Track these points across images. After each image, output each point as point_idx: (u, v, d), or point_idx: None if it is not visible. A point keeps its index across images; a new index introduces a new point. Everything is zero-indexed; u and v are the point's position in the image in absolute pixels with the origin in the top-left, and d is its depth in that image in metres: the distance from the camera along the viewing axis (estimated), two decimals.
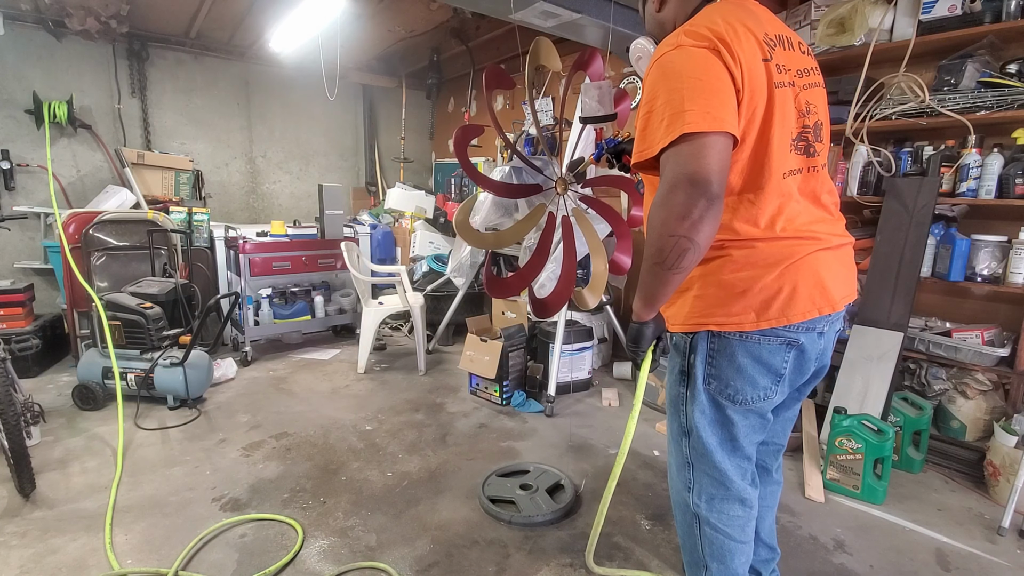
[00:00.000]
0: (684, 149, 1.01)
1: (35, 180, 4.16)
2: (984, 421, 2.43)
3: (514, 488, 2.21)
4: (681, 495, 1.35)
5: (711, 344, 1.21)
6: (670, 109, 1.03)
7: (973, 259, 2.46)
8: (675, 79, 1.05)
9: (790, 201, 1.16)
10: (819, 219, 1.21)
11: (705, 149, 1.00)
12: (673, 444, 1.36)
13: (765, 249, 1.14)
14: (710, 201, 1.00)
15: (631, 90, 3.95)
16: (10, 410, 2.05)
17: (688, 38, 1.08)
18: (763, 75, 1.10)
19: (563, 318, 3.13)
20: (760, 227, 1.14)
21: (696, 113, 1.01)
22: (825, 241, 1.19)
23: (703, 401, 1.25)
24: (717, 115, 1.01)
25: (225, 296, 3.22)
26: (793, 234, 1.15)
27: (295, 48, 4.20)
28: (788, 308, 1.14)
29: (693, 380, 1.25)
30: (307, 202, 5.53)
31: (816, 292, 1.16)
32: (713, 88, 1.03)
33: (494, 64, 2.40)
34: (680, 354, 1.28)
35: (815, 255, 1.17)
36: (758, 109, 1.10)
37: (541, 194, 2.58)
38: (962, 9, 2.41)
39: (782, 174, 1.14)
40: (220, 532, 1.95)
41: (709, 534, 1.31)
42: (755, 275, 1.14)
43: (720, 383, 1.23)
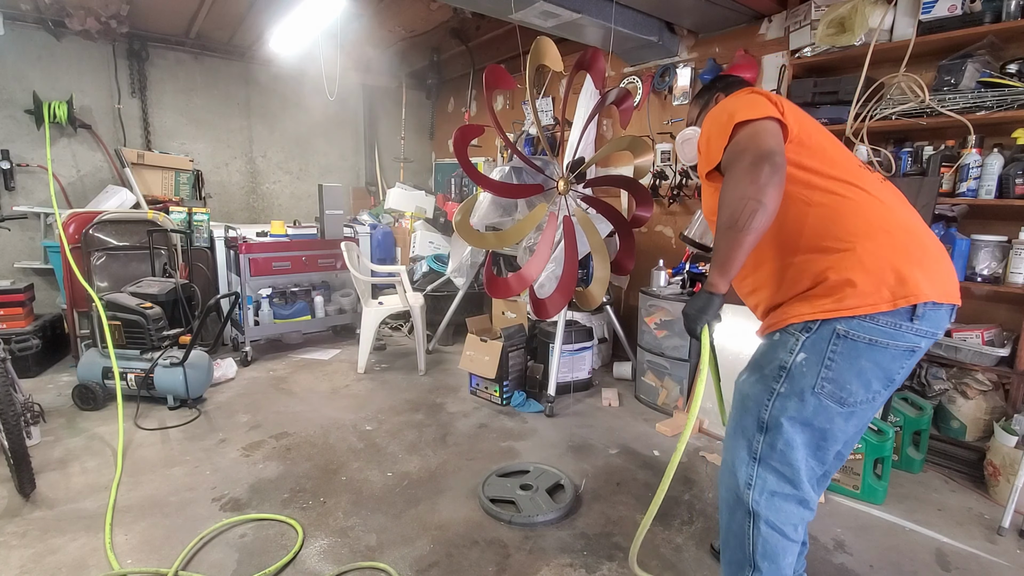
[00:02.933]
0: (740, 136, 1.20)
1: (35, 180, 4.16)
2: (984, 421, 2.43)
3: (514, 488, 2.21)
4: (737, 492, 1.33)
5: (834, 346, 1.20)
6: (722, 126, 1.25)
7: (973, 259, 2.46)
8: (723, 111, 1.30)
9: (886, 193, 1.28)
10: (916, 216, 1.30)
11: (759, 131, 1.19)
12: (737, 439, 1.34)
13: (878, 219, 1.22)
14: (774, 167, 1.14)
15: (631, 90, 3.95)
16: (10, 410, 2.05)
17: (734, 96, 1.36)
18: (806, 118, 1.34)
19: (563, 318, 3.13)
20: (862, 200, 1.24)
21: (743, 112, 1.22)
22: (927, 231, 1.28)
23: (807, 401, 1.23)
24: (762, 109, 1.22)
25: (225, 296, 3.22)
26: (903, 215, 1.26)
27: (295, 48, 4.20)
28: (917, 285, 1.16)
29: (796, 379, 1.24)
30: (307, 202, 5.53)
31: (943, 278, 1.22)
32: (754, 100, 1.26)
33: (494, 64, 2.40)
34: (782, 350, 1.26)
35: (928, 236, 1.26)
36: (815, 133, 1.32)
37: (542, 194, 2.58)
38: (962, 9, 2.40)
39: (858, 165, 1.33)
40: (220, 532, 1.95)
41: (765, 532, 1.29)
42: (878, 243, 1.19)
43: (835, 385, 1.21)
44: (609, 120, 4.24)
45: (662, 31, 3.54)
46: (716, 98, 1.58)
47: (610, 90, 2.55)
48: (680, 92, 3.67)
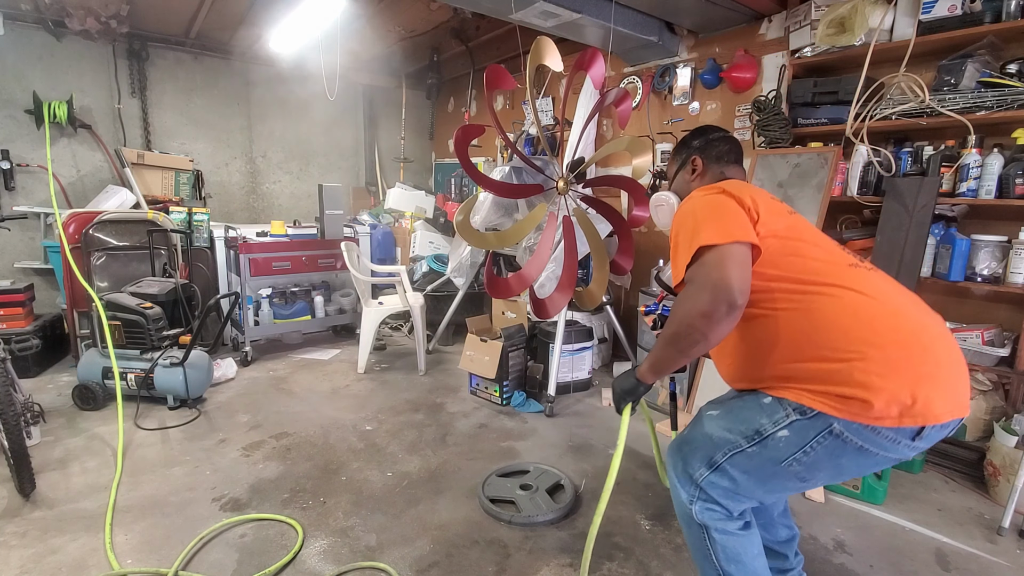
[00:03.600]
0: (707, 259, 1.16)
1: (35, 180, 4.15)
2: (984, 421, 2.43)
3: (514, 488, 2.21)
4: (683, 508, 1.34)
5: (821, 439, 1.12)
6: (688, 236, 1.21)
7: (973, 259, 2.46)
8: (690, 215, 1.26)
9: (873, 289, 1.17)
10: (917, 306, 1.20)
11: (725, 259, 1.13)
12: (685, 462, 1.34)
13: (885, 329, 1.11)
14: (731, 308, 1.11)
15: (631, 90, 3.95)
16: (10, 410, 2.05)
17: (702, 193, 1.33)
18: (777, 207, 1.31)
19: (563, 318, 3.13)
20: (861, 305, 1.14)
21: (709, 231, 1.17)
22: (934, 327, 1.16)
23: (767, 468, 1.22)
24: (729, 230, 1.17)
25: (225, 296, 3.22)
26: (910, 317, 1.14)
27: (295, 48, 4.20)
28: (930, 407, 1.06)
29: (768, 450, 1.19)
30: (307, 202, 5.53)
31: (956, 392, 1.11)
32: (722, 212, 1.22)
33: (494, 64, 2.40)
34: (766, 417, 1.19)
35: (938, 342, 1.13)
36: (783, 228, 1.25)
37: (542, 194, 2.58)
38: (962, 9, 2.40)
39: (848, 264, 1.23)
40: (220, 532, 1.95)
41: (718, 538, 1.30)
42: (888, 358, 1.08)
43: (805, 468, 1.18)
44: (609, 120, 4.24)
45: (662, 31, 3.54)
46: (693, 161, 1.55)
47: (609, 90, 2.55)
48: (680, 92, 3.67)
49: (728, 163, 1.55)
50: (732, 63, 3.35)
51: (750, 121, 3.28)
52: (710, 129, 1.61)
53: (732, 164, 1.55)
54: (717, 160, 1.54)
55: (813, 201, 2.80)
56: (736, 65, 3.31)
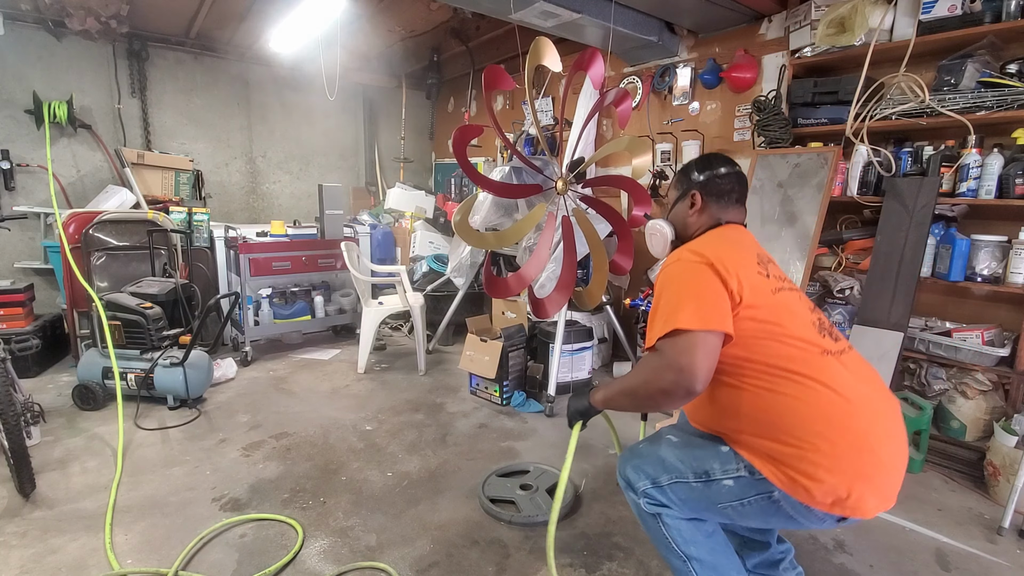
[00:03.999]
0: (678, 342, 1.16)
1: (35, 180, 4.15)
2: (984, 421, 2.43)
3: (514, 488, 2.22)
4: (634, 502, 1.42)
5: (758, 498, 1.23)
6: (668, 309, 1.21)
7: (973, 259, 2.46)
8: (673, 284, 1.25)
9: (839, 384, 1.19)
10: (876, 397, 1.24)
11: (695, 346, 1.14)
12: (634, 466, 1.41)
13: (840, 427, 1.16)
14: (689, 394, 1.16)
15: (631, 90, 3.95)
16: (10, 410, 2.05)
17: (688, 254, 1.29)
18: (763, 285, 1.26)
19: (563, 318, 3.13)
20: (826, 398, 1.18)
21: (688, 312, 1.17)
22: (885, 423, 1.23)
23: (701, 505, 1.31)
24: (705, 316, 1.17)
25: (225, 296, 3.22)
26: (864, 415, 1.19)
27: (295, 48, 4.20)
28: (861, 504, 1.15)
29: (711, 492, 1.28)
30: (307, 202, 5.53)
31: (888, 489, 1.19)
32: (703, 291, 1.21)
33: (494, 64, 2.40)
34: (719, 464, 1.27)
35: (884, 443, 1.20)
36: (766, 307, 1.23)
37: (541, 194, 2.57)
38: (962, 9, 2.40)
39: (823, 351, 1.23)
40: (220, 532, 1.95)
41: (673, 524, 1.36)
42: (837, 455, 1.15)
43: (738, 515, 1.29)
44: (609, 120, 4.24)
45: (662, 31, 3.54)
46: (692, 195, 1.48)
47: (609, 90, 2.54)
48: (680, 92, 3.67)
49: (729, 203, 1.48)
50: (732, 63, 3.35)
51: (750, 121, 3.28)
52: (716, 162, 1.51)
53: (734, 205, 1.49)
54: (718, 198, 1.48)
55: (813, 201, 2.80)
56: (736, 65, 3.31)
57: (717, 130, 3.55)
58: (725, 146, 3.50)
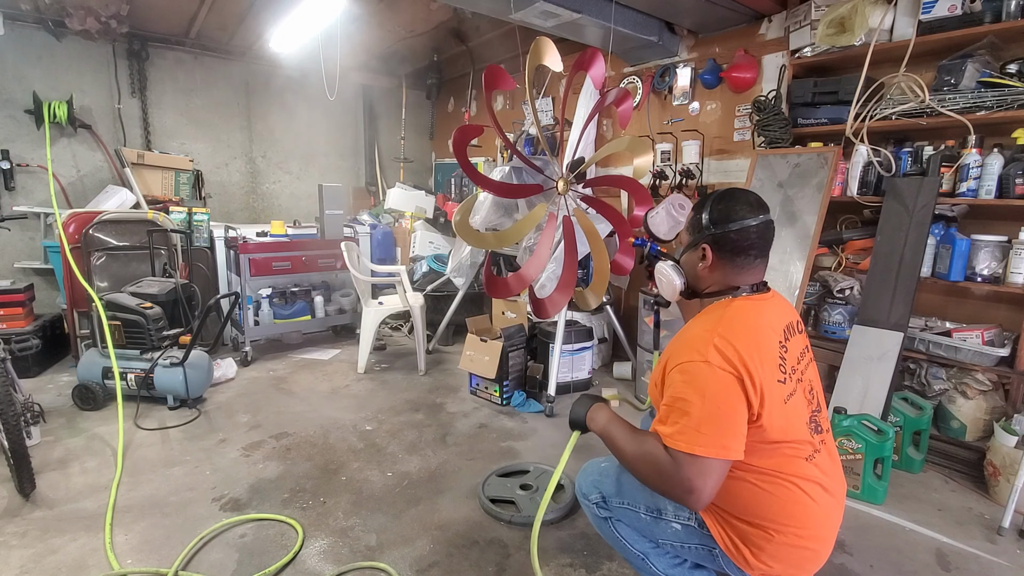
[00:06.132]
0: (696, 464, 1.12)
1: (35, 180, 4.15)
2: (984, 421, 2.43)
3: (514, 488, 2.22)
4: (591, 513, 1.47)
5: (699, 547, 1.31)
6: (689, 419, 1.14)
7: (973, 259, 2.46)
8: (698, 394, 1.15)
9: (813, 484, 1.24)
10: (834, 489, 1.29)
11: (708, 472, 1.12)
12: (591, 483, 1.48)
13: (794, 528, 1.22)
14: (692, 508, 1.21)
15: (631, 90, 3.95)
16: (10, 410, 2.05)
17: (718, 356, 1.15)
18: (779, 394, 1.19)
19: (563, 318, 3.13)
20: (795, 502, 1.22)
21: (711, 437, 1.12)
22: (833, 520, 1.30)
23: (644, 533, 1.39)
24: (726, 444, 1.13)
25: (225, 296, 3.22)
26: (819, 516, 1.24)
27: (295, 48, 4.20)
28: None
29: (658, 527, 1.36)
30: (307, 202, 5.53)
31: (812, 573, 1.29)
32: (729, 416, 1.14)
33: (494, 64, 2.40)
34: (672, 507, 1.33)
35: (827, 540, 1.27)
36: (774, 423, 1.19)
37: (541, 194, 2.57)
38: (962, 9, 2.40)
39: (805, 458, 1.24)
40: (220, 532, 1.95)
41: (624, 529, 1.42)
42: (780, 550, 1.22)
43: (673, 551, 1.38)
44: (609, 120, 4.24)
45: (662, 31, 3.54)
46: (704, 252, 1.31)
47: (610, 90, 2.54)
48: (680, 92, 3.67)
49: (746, 263, 1.30)
50: (732, 63, 3.35)
51: (750, 121, 3.28)
52: (735, 210, 1.29)
53: (755, 262, 1.31)
54: (734, 256, 1.30)
55: (813, 201, 2.80)
56: (736, 65, 3.31)
57: (717, 130, 3.55)
58: (725, 146, 3.51)
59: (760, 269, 1.33)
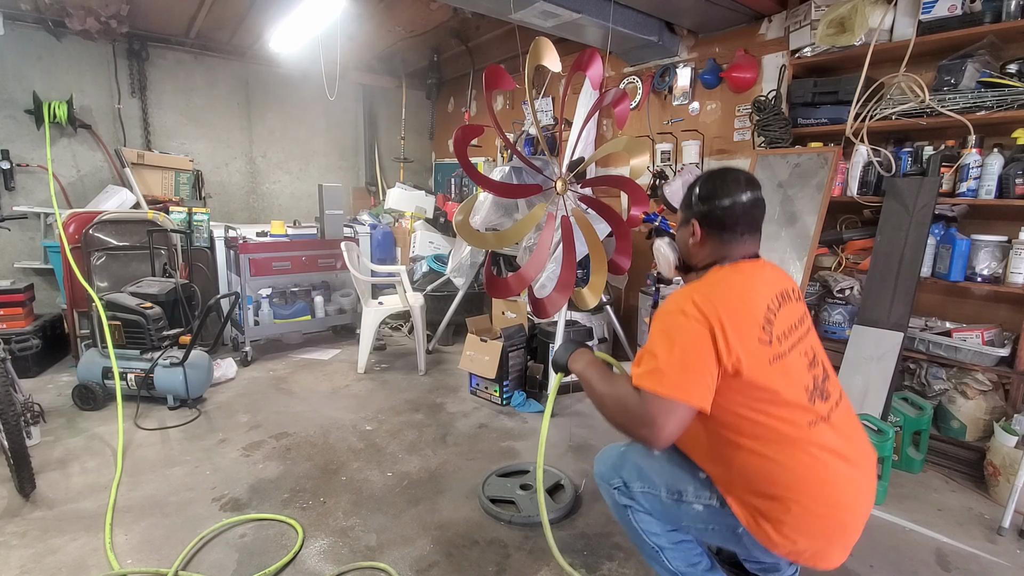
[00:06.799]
0: (660, 402, 1.15)
1: (35, 180, 4.15)
2: (984, 421, 2.43)
3: (514, 488, 2.21)
4: (611, 500, 1.47)
5: (723, 528, 1.29)
6: (657, 362, 1.18)
7: (973, 259, 2.46)
8: (669, 339, 1.20)
9: (823, 450, 1.21)
10: (856, 457, 1.26)
11: (671, 413, 1.14)
12: (611, 466, 1.47)
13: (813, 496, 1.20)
14: (648, 445, 1.18)
15: (631, 90, 3.95)
16: (10, 410, 2.05)
17: (693, 307, 1.20)
18: (762, 354, 1.19)
19: (563, 318, 3.13)
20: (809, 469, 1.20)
21: (674, 379, 1.16)
22: (859, 485, 1.26)
23: (667, 516, 1.38)
24: (689, 389, 1.15)
25: (225, 296, 3.22)
26: (839, 483, 1.21)
27: (295, 48, 4.20)
28: (818, 559, 1.25)
29: (680, 510, 1.34)
30: (307, 202, 5.53)
31: (840, 551, 1.28)
32: (695, 363, 1.17)
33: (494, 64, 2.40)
34: (694, 487, 1.32)
35: (852, 508, 1.25)
36: (760, 380, 1.18)
37: (541, 194, 2.58)
38: (962, 9, 2.40)
39: (809, 423, 1.21)
40: (220, 532, 1.95)
41: (643, 517, 1.41)
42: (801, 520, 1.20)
43: (698, 533, 1.37)
44: (608, 120, 4.24)
45: (662, 31, 3.54)
46: (694, 228, 1.36)
47: (608, 91, 2.54)
48: (680, 92, 3.67)
49: (733, 238, 1.33)
50: (732, 63, 3.35)
51: (750, 121, 3.28)
52: (723, 187, 1.32)
53: (739, 239, 1.33)
54: (720, 232, 1.33)
55: (813, 201, 2.80)
56: (736, 65, 3.31)
57: (717, 130, 3.55)
58: (725, 146, 3.51)
59: (749, 244, 1.36)
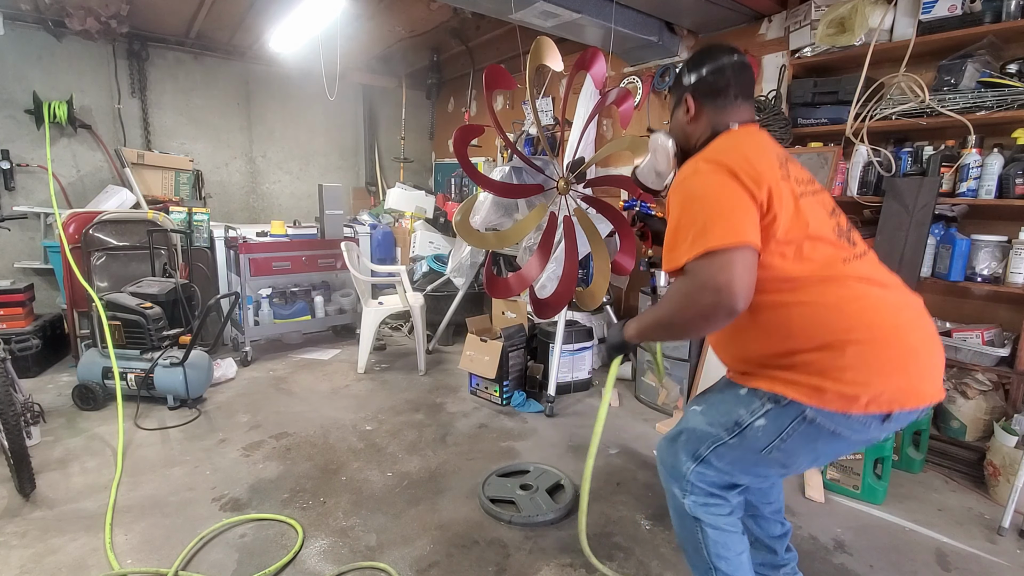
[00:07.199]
0: (713, 261, 1.07)
1: (35, 180, 4.15)
2: (984, 421, 2.43)
3: (514, 488, 2.21)
4: (678, 503, 1.35)
5: (796, 425, 1.16)
6: (694, 228, 1.10)
7: (973, 259, 2.46)
8: (696, 201, 1.14)
9: (862, 282, 1.16)
10: (899, 291, 1.21)
11: (731, 265, 1.06)
12: (673, 455, 1.36)
13: (863, 327, 1.12)
14: (730, 315, 1.07)
15: (631, 90, 3.95)
16: (10, 410, 2.05)
17: (705, 164, 1.17)
18: (787, 190, 1.16)
19: (563, 318, 3.13)
20: (846, 304, 1.13)
21: (719, 230, 1.08)
22: (911, 313, 1.18)
23: (750, 459, 1.25)
24: (738, 229, 1.08)
25: (225, 296, 3.22)
26: (888, 311, 1.15)
27: (295, 48, 4.20)
28: (900, 395, 1.11)
29: (748, 440, 1.23)
30: (307, 202, 5.53)
31: (927, 380, 1.14)
32: (732, 206, 1.11)
33: (494, 64, 2.40)
34: (744, 408, 1.23)
35: (913, 331, 1.15)
36: (789, 216, 1.14)
37: (542, 194, 2.58)
38: (962, 9, 2.40)
39: (843, 260, 1.17)
40: (220, 532, 1.95)
41: (712, 535, 1.31)
42: (863, 353, 1.10)
43: (784, 455, 1.21)
44: (609, 120, 4.25)
45: (662, 31, 3.54)
46: (686, 102, 1.36)
47: (610, 90, 2.55)
48: None
49: (727, 102, 1.32)
50: None
51: None
52: (707, 55, 1.34)
53: (735, 103, 1.32)
54: (714, 99, 1.32)
55: None
56: None
57: None
58: None
59: (744, 110, 1.33)
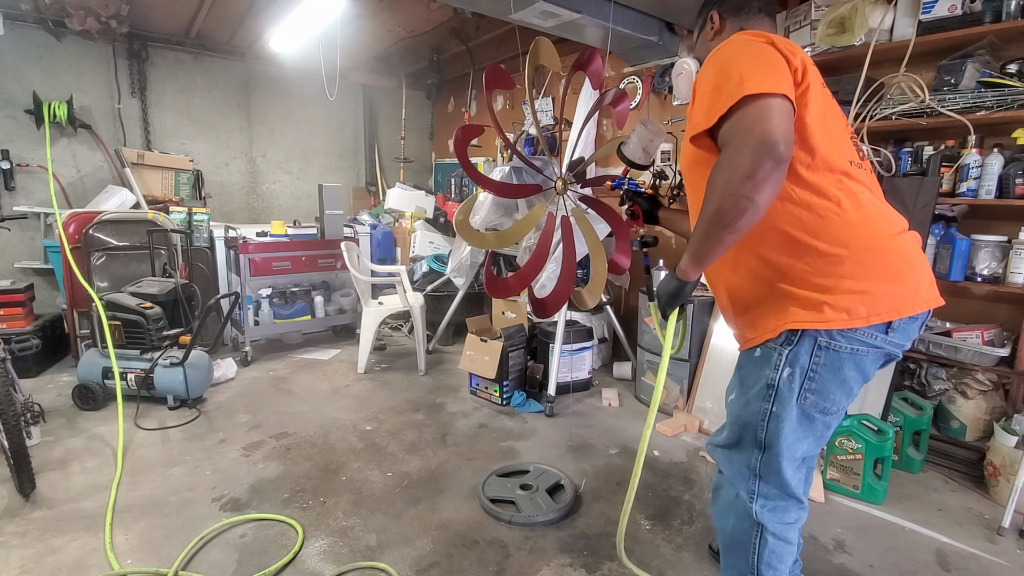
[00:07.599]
0: (750, 111, 1.02)
1: (35, 180, 4.15)
2: (984, 421, 2.43)
3: (514, 488, 2.22)
4: (741, 506, 1.33)
5: (816, 358, 1.17)
6: (729, 83, 1.05)
7: (973, 259, 2.46)
8: (732, 60, 1.09)
9: (869, 189, 1.17)
10: (896, 216, 1.22)
11: (770, 111, 1.01)
12: (733, 456, 1.34)
13: (863, 234, 1.13)
14: (776, 163, 1.00)
15: (631, 90, 3.95)
16: (10, 410, 2.05)
17: (742, 34, 1.17)
18: (816, 76, 1.15)
19: (563, 318, 3.13)
20: (849, 208, 1.13)
21: (756, 79, 1.03)
22: (904, 231, 1.21)
23: (794, 417, 1.22)
24: (776, 81, 1.03)
25: (225, 296, 3.22)
26: (886, 223, 1.17)
27: (295, 48, 4.20)
28: (898, 304, 1.14)
29: (784, 395, 1.21)
30: (307, 202, 5.53)
31: (919, 288, 1.18)
32: (769, 62, 1.07)
33: (494, 64, 2.41)
34: (767, 367, 1.22)
35: (910, 243, 1.18)
36: (818, 97, 1.12)
37: (541, 194, 2.58)
38: (962, 9, 2.40)
39: (849, 162, 1.17)
40: (220, 532, 1.95)
41: (771, 543, 1.30)
42: (861, 261, 1.12)
43: (818, 397, 1.20)
44: (609, 120, 4.24)
45: (662, 31, 3.53)
46: (711, 18, 1.37)
47: (608, 90, 2.54)
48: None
49: (751, 15, 1.33)
50: None
51: None
52: None
53: (758, 16, 1.33)
54: (737, 12, 1.34)
55: None
56: None
57: None
58: None
59: (767, 23, 1.33)
